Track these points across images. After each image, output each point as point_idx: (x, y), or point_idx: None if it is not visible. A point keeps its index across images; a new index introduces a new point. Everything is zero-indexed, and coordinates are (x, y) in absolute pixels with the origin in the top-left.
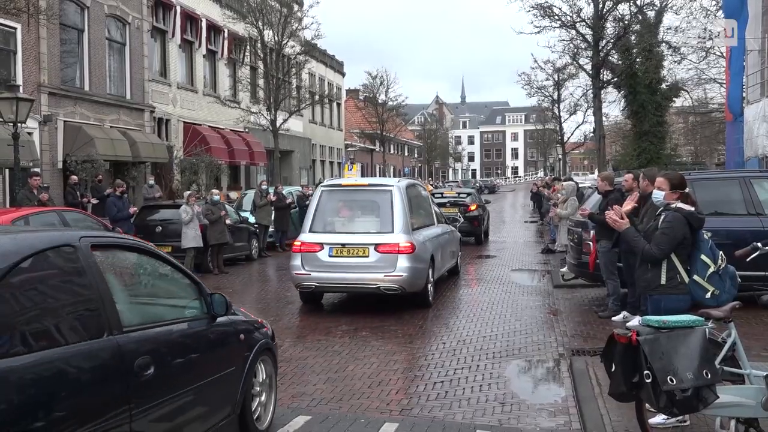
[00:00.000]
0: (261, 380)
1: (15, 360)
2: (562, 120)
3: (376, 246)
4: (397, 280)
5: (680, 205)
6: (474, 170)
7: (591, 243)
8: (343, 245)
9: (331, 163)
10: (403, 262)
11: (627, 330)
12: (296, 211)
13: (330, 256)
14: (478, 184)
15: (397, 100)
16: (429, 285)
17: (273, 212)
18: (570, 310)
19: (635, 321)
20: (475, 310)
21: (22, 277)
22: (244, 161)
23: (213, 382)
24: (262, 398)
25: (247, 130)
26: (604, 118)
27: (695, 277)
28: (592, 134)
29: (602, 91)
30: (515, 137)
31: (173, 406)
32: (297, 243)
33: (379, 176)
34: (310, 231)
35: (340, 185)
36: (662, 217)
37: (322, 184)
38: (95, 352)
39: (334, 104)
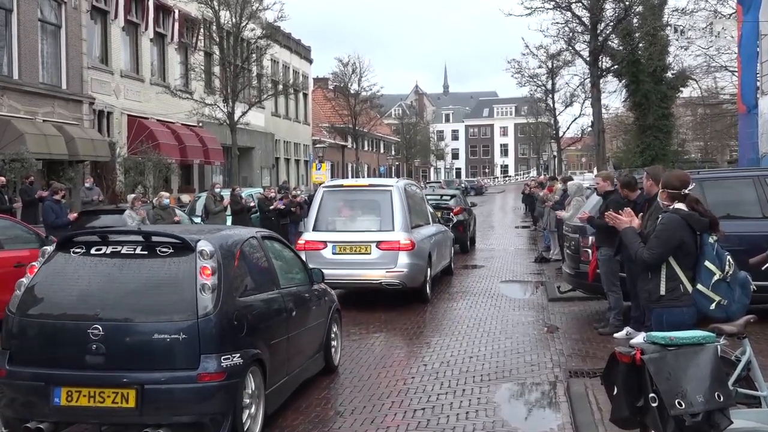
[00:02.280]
0: (334, 331)
1: (252, 297)
2: (557, 112)
3: (378, 243)
4: (398, 275)
5: (678, 206)
6: (458, 169)
7: (590, 250)
8: (346, 243)
9: (297, 161)
10: (403, 259)
11: (630, 348)
12: (257, 216)
13: (333, 253)
14: (463, 185)
15: (372, 90)
16: (427, 281)
17: (230, 218)
18: (567, 327)
19: (639, 338)
20: (461, 328)
21: (244, 250)
22: (198, 160)
23: (315, 326)
24: (335, 343)
25: (200, 124)
26: (603, 111)
27: (699, 286)
28: (590, 128)
29: (601, 80)
30: (504, 132)
31: (301, 336)
32: (301, 241)
33: (352, 176)
34: (314, 230)
35: (341, 186)
36: (659, 219)
37: (323, 185)
38: (275, 297)
39: (300, 95)
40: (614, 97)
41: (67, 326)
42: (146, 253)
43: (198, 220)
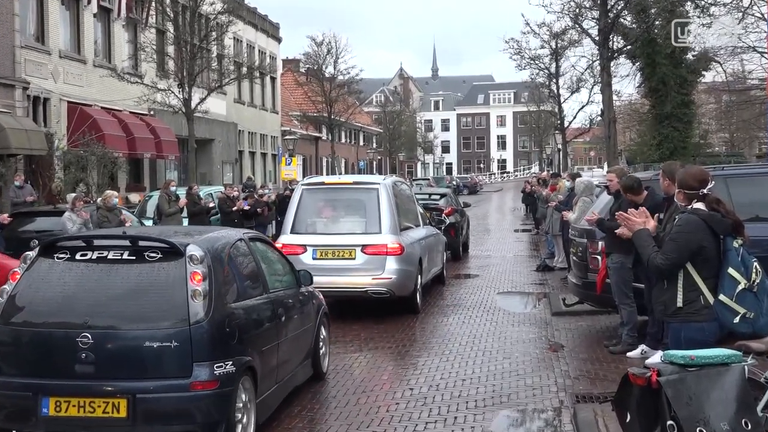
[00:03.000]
0: (322, 336)
1: (243, 302)
2: (562, 99)
3: (363, 247)
4: (386, 283)
5: (697, 205)
6: (449, 164)
7: (599, 257)
8: (328, 247)
9: (264, 155)
10: (391, 264)
11: (645, 369)
12: (217, 219)
13: (314, 258)
14: (454, 183)
15: (350, 74)
16: (418, 289)
17: (186, 221)
18: (573, 345)
19: (656, 357)
20: (452, 346)
21: (233, 254)
22: (149, 153)
23: (303, 331)
24: (324, 350)
25: (152, 112)
26: (614, 97)
27: (721, 296)
28: (599, 117)
29: (612, 63)
30: (502, 121)
31: (291, 342)
32: (278, 245)
33: (328, 173)
34: (292, 232)
35: (322, 183)
36: (675, 220)
37: (302, 183)
38: (265, 302)
39: (268, 79)
40: (627, 82)
41: (54, 334)
42: (134, 258)
43: (149, 222)
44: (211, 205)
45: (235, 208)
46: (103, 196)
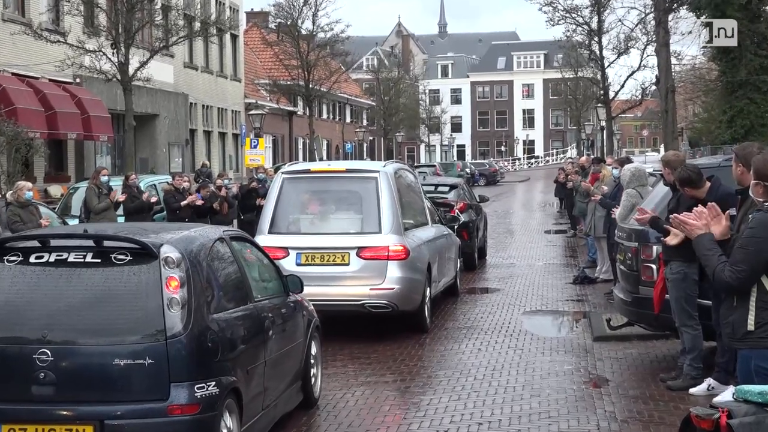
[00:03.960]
0: (314, 354)
1: (226, 313)
2: (606, 64)
3: (359, 250)
4: (388, 294)
5: None
6: (461, 147)
7: (655, 267)
8: (316, 250)
9: (223, 135)
10: (394, 271)
11: (713, 409)
12: (162, 216)
13: (298, 264)
14: (468, 171)
15: (333, 30)
16: (426, 303)
17: (123, 219)
18: (621, 378)
19: (727, 394)
20: (465, 380)
21: (214, 256)
22: (75, 133)
23: (292, 348)
24: (315, 370)
25: (78, 80)
26: (673, 61)
27: None
28: (654, 87)
29: (670, 17)
30: (529, 92)
31: (279, 361)
32: None
33: (305, 159)
34: (270, 232)
35: (308, 171)
36: (748, 221)
37: (282, 170)
38: (249, 314)
39: (227, 37)
40: (690, 42)
41: (7, 351)
42: (99, 261)
43: (74, 222)
44: (154, 200)
45: (185, 203)
46: (14, 189)
